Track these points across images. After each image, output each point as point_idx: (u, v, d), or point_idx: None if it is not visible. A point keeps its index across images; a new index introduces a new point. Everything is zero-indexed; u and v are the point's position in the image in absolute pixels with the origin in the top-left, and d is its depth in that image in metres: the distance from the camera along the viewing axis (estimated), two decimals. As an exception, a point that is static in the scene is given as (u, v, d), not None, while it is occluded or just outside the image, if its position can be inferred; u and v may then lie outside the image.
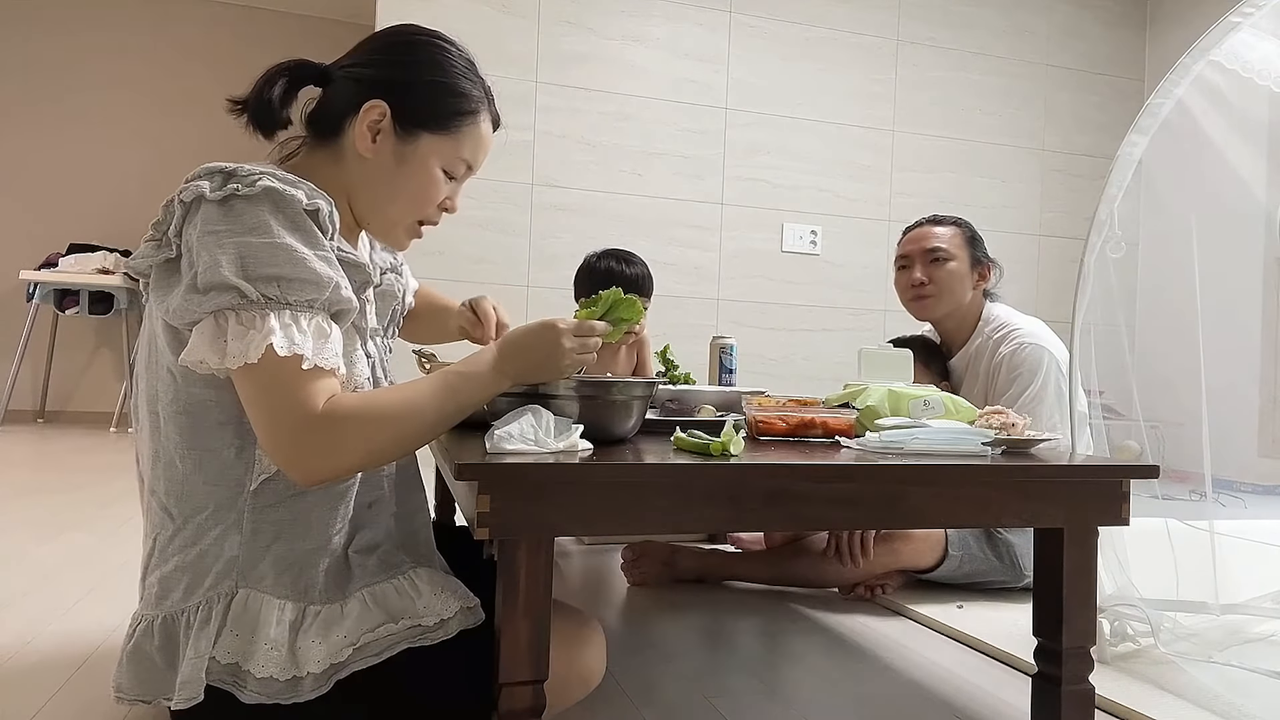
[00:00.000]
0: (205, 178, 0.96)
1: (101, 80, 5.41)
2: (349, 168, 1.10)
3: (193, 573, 0.99)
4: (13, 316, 5.10)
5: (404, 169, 1.10)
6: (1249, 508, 2.86)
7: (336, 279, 0.97)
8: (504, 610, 0.95)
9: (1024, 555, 2.01)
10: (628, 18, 4.10)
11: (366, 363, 1.10)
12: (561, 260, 3.92)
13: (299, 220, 0.97)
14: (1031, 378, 2.01)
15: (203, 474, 1.00)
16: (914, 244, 2.23)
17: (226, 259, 0.92)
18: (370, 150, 1.08)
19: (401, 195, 1.12)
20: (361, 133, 1.08)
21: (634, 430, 1.19)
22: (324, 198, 1.00)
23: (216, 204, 0.95)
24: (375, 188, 1.11)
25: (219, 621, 0.97)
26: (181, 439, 1.00)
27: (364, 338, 1.11)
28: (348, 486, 1.05)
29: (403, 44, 1.13)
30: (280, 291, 0.93)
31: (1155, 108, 1.61)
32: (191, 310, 0.93)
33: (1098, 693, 1.18)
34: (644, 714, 1.33)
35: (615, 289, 1.15)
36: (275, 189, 0.95)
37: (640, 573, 2.08)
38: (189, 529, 1.00)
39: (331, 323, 0.98)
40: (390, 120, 1.08)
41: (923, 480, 1.08)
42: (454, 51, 1.14)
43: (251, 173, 0.96)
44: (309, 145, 1.13)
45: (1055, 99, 4.77)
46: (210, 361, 0.93)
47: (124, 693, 1.00)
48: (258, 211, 0.94)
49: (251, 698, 0.96)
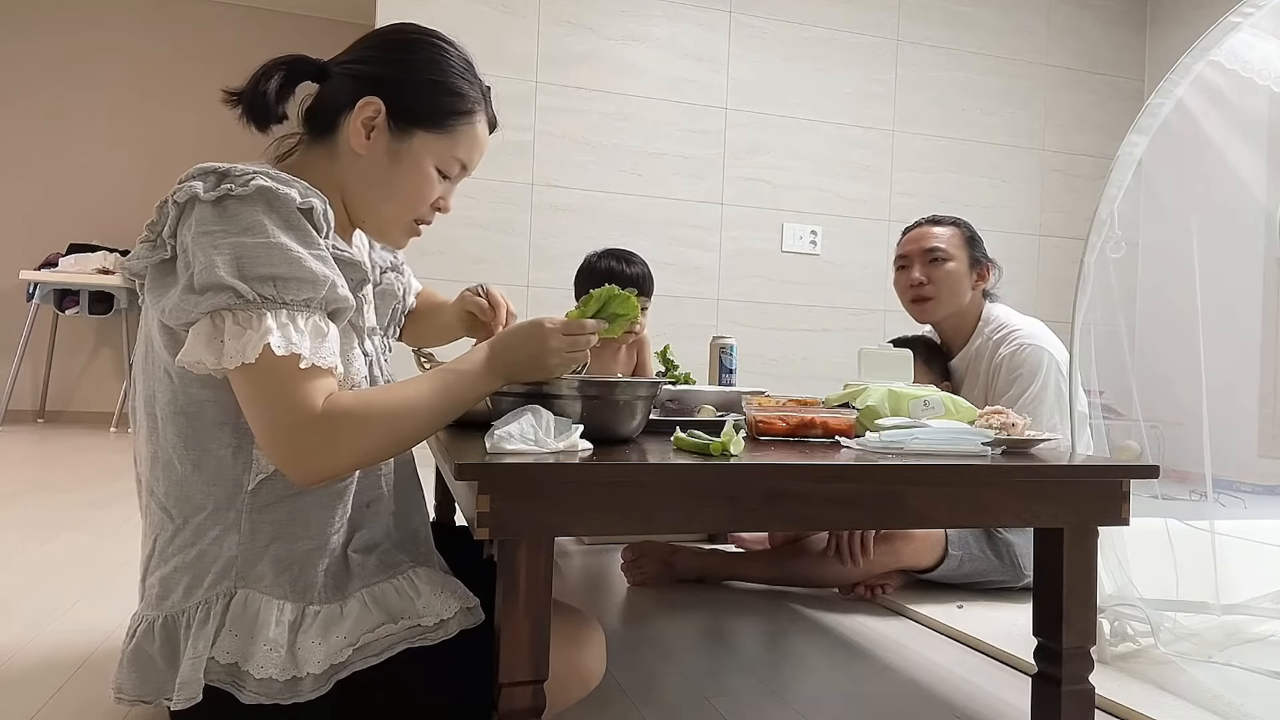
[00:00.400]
0: (199, 178, 0.96)
1: (101, 80, 5.41)
2: (343, 165, 1.10)
3: (192, 573, 0.99)
4: (13, 316, 5.10)
5: (397, 167, 1.10)
6: (1249, 508, 2.86)
7: (332, 277, 0.97)
8: (504, 610, 0.95)
9: (1024, 555, 2.01)
10: (628, 18, 4.10)
11: (364, 361, 1.10)
12: (561, 260, 3.92)
13: (293, 219, 0.96)
14: (1031, 378, 2.01)
15: (201, 474, 0.99)
16: (913, 244, 2.24)
17: (222, 259, 0.91)
18: (364, 147, 1.08)
19: (395, 193, 1.11)
20: (356, 129, 1.07)
21: (638, 430, 1.19)
22: (318, 196, 1.00)
23: (211, 204, 0.94)
24: (369, 185, 1.11)
25: (218, 622, 0.97)
26: (179, 440, 1.00)
27: (361, 336, 1.10)
28: (345, 486, 1.05)
29: (400, 42, 1.13)
30: (276, 291, 0.92)
31: (1155, 108, 1.61)
32: (188, 311, 0.92)
33: (1098, 693, 1.18)
34: (644, 714, 1.33)
35: (608, 286, 1.15)
36: (269, 188, 0.95)
37: (640, 573, 2.08)
38: (188, 529, 1.00)
39: (329, 321, 0.98)
40: (385, 117, 1.08)
41: (923, 480, 1.08)
42: (452, 51, 1.13)
43: (245, 172, 0.96)
44: (305, 142, 1.13)
45: (1055, 99, 4.77)
46: (207, 362, 0.92)
47: (125, 694, 1.00)
48: (252, 211, 0.94)
49: (251, 698, 0.96)
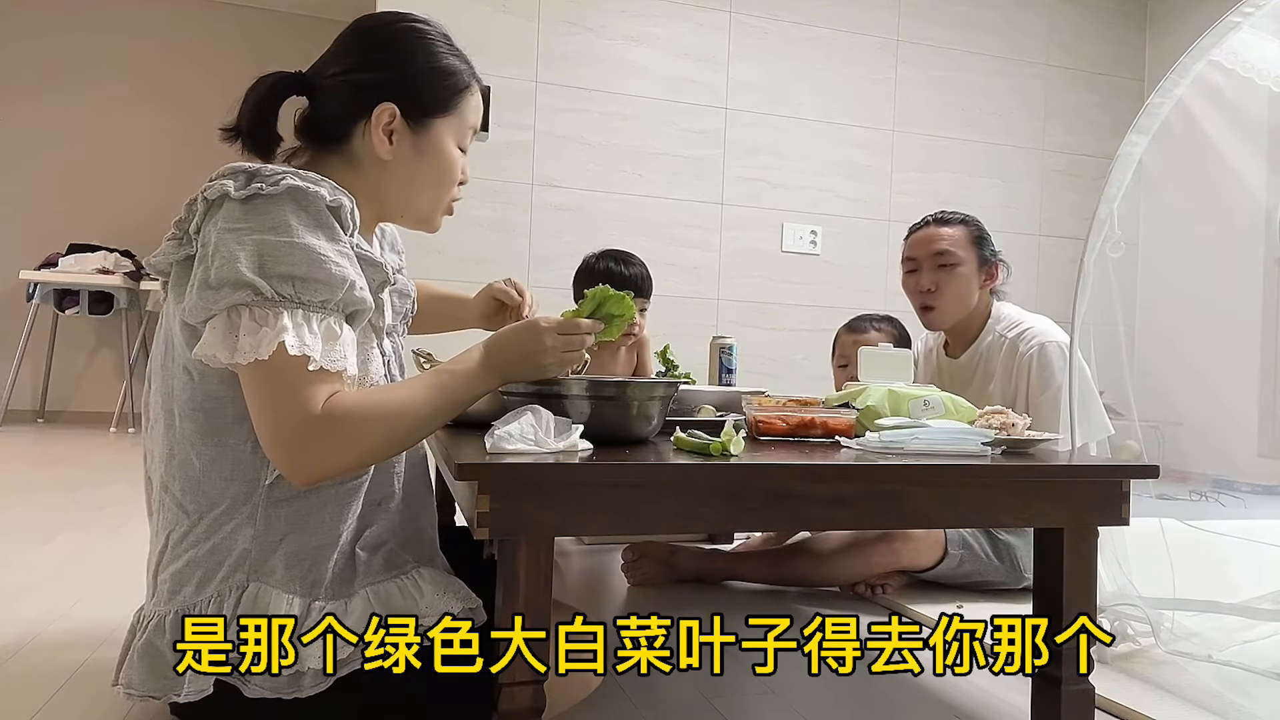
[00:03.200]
0: (230, 176, 0.98)
1: (101, 80, 5.41)
2: (367, 172, 1.12)
3: (205, 567, 1.00)
4: (13, 316, 5.10)
5: (424, 159, 1.13)
6: (1249, 508, 2.86)
7: (352, 278, 0.98)
8: (504, 610, 0.95)
9: (1024, 557, 2.00)
10: (628, 18, 4.10)
11: (382, 361, 1.11)
12: (561, 260, 3.92)
13: (321, 217, 0.98)
14: (1062, 375, 1.98)
15: (218, 470, 1.00)
16: (921, 247, 2.17)
17: (245, 255, 0.93)
18: (389, 152, 1.10)
19: (430, 184, 1.15)
20: (379, 138, 1.09)
21: (655, 432, 1.19)
22: (346, 195, 1.02)
23: (240, 202, 0.96)
24: (403, 184, 1.13)
25: (230, 614, 0.98)
26: (198, 435, 1.01)
27: (380, 336, 1.12)
28: (360, 484, 1.05)
29: (385, 38, 1.13)
30: (295, 290, 0.94)
31: (1155, 108, 1.61)
32: (207, 306, 0.94)
33: (1098, 693, 1.18)
34: (644, 714, 1.33)
35: (603, 286, 1.15)
36: (299, 187, 0.96)
37: (640, 573, 2.08)
38: (204, 524, 1.01)
39: (343, 324, 0.99)
40: (401, 118, 1.10)
41: (923, 480, 1.08)
42: (432, 31, 1.15)
43: (276, 172, 0.98)
44: (311, 153, 1.13)
45: (1055, 99, 4.76)
46: (221, 356, 0.93)
47: (134, 689, 1.01)
48: (279, 210, 0.95)
49: (255, 691, 0.97)
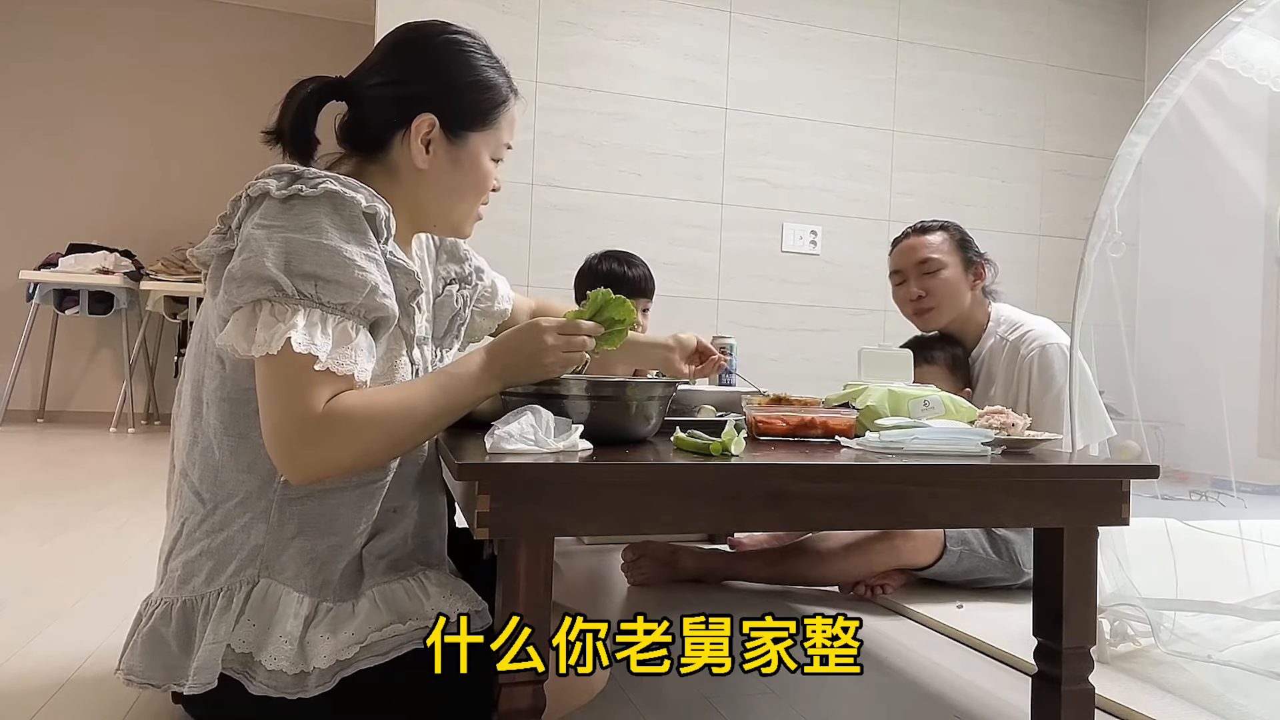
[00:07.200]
0: (273, 176, 0.99)
1: (102, 80, 5.41)
2: (405, 181, 1.13)
3: (217, 558, 1.01)
4: (13, 316, 5.10)
5: (460, 170, 1.15)
6: (1249, 508, 2.85)
7: (375, 283, 0.99)
8: (504, 610, 0.95)
9: (1023, 552, 2.01)
10: (628, 18, 4.10)
11: (410, 369, 1.12)
12: (561, 260, 3.92)
13: (355, 223, 0.99)
14: (1064, 377, 1.99)
15: (237, 460, 1.02)
16: (905, 258, 2.22)
17: (273, 251, 0.94)
18: (426, 163, 1.12)
19: (465, 195, 1.17)
20: (417, 149, 1.11)
21: (654, 431, 1.19)
22: (383, 202, 1.03)
23: (279, 201, 0.97)
24: (439, 194, 1.15)
25: (239, 609, 0.99)
26: (221, 425, 1.02)
27: (410, 344, 1.12)
28: (377, 489, 1.06)
29: (428, 50, 1.15)
30: (316, 290, 0.95)
31: (1155, 108, 1.61)
32: (232, 298, 0.95)
33: (1098, 693, 1.18)
34: (645, 715, 1.33)
35: (603, 289, 1.15)
36: (337, 191, 0.98)
37: (640, 573, 2.08)
38: (218, 514, 1.02)
39: (362, 329, 0.99)
40: (439, 130, 1.12)
41: (923, 480, 1.08)
42: (474, 43, 1.16)
43: (317, 175, 0.99)
44: (353, 160, 1.14)
45: (1055, 99, 4.76)
46: (239, 348, 0.95)
47: (135, 675, 1.02)
48: (314, 212, 0.97)
49: (259, 689, 0.97)
